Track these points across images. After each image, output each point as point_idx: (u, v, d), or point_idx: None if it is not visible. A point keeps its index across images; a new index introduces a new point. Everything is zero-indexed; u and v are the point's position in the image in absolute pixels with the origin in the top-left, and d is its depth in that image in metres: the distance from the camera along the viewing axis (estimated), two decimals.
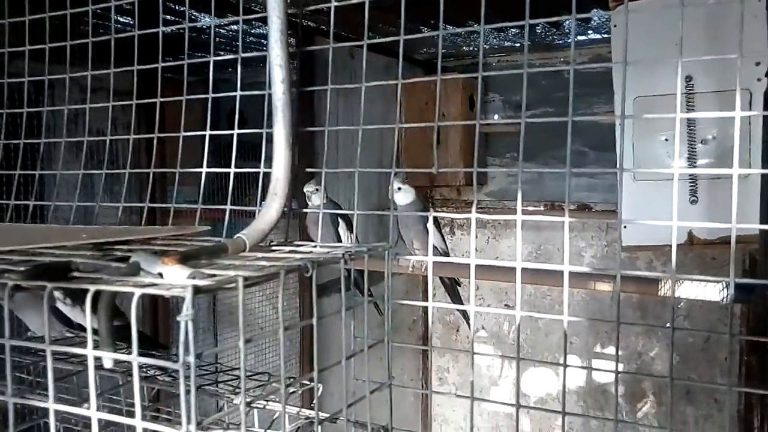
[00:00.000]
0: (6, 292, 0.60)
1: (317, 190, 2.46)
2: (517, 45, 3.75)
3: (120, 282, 0.61)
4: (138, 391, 0.55)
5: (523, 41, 3.64)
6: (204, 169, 1.03)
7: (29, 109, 1.23)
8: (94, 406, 0.60)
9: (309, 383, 0.85)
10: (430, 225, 1.07)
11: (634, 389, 3.84)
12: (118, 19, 2.57)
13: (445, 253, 2.90)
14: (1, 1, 1.27)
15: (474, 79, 3.80)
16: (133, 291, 0.55)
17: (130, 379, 1.09)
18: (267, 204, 0.83)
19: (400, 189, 2.48)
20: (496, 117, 3.94)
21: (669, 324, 2.61)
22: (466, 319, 3.52)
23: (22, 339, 1.26)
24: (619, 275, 0.75)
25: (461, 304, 2.93)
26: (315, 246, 0.85)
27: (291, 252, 0.80)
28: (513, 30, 3.37)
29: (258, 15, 0.92)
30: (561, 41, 3.60)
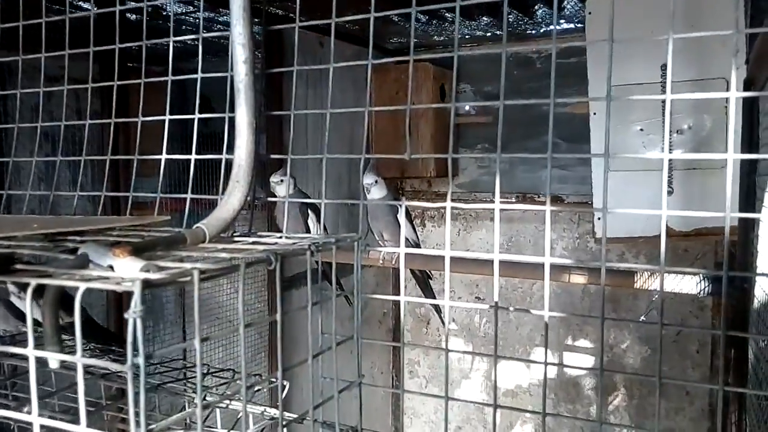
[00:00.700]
0: None
1: (282, 181, 2.40)
2: (489, 35, 3.72)
3: (66, 275, 0.56)
4: (82, 396, 0.50)
5: (495, 31, 3.61)
6: (163, 156, 0.97)
7: None
8: (35, 410, 0.55)
9: (275, 381, 0.80)
10: (402, 216, 1.02)
11: (605, 382, 3.85)
12: (81, 6, 2.48)
13: (416, 245, 2.86)
14: None
15: (445, 69, 3.77)
16: (78, 285, 0.50)
17: (87, 378, 1.04)
18: (229, 192, 0.77)
19: (376, 182, 2.44)
20: (467, 107, 3.91)
21: (643, 317, 2.59)
22: (438, 314, 3.49)
23: None
24: (604, 268, 0.72)
25: (433, 296, 2.90)
26: (280, 237, 0.81)
27: (254, 243, 0.75)
28: (485, 19, 3.33)
29: None
30: (533, 31, 3.58)
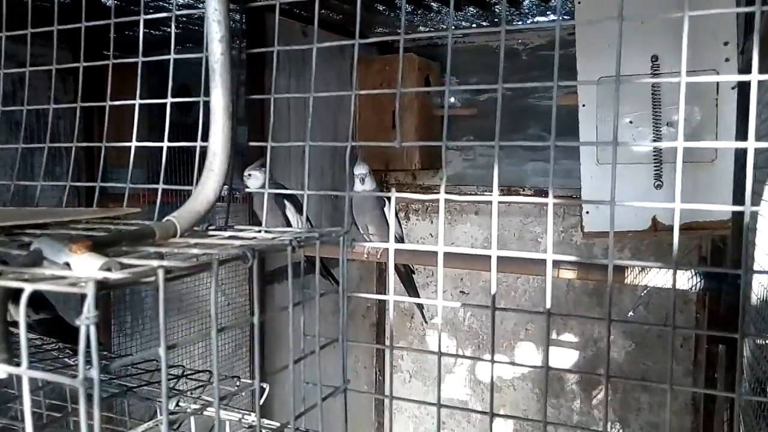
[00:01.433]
0: None
1: (250, 175, 2.32)
2: (474, 26, 3.67)
3: (13, 274, 0.50)
4: (28, 411, 0.43)
5: (481, 21, 3.55)
6: (133, 144, 0.90)
7: None
8: None
9: (256, 385, 0.73)
10: (391, 210, 0.96)
11: (589, 376, 3.83)
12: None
13: (401, 239, 2.81)
14: None
15: (430, 61, 3.71)
16: (23, 287, 0.44)
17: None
18: (202, 182, 0.71)
19: (370, 173, 2.37)
20: (452, 100, 3.85)
21: (631, 313, 2.55)
22: (420, 310, 3.45)
23: None
24: (610, 265, 0.66)
25: (416, 291, 2.85)
26: (260, 231, 0.74)
27: (230, 238, 0.69)
28: (471, 9, 3.28)
29: None
30: (520, 22, 3.53)
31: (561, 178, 3.67)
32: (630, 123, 2.09)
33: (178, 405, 0.91)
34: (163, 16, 0.85)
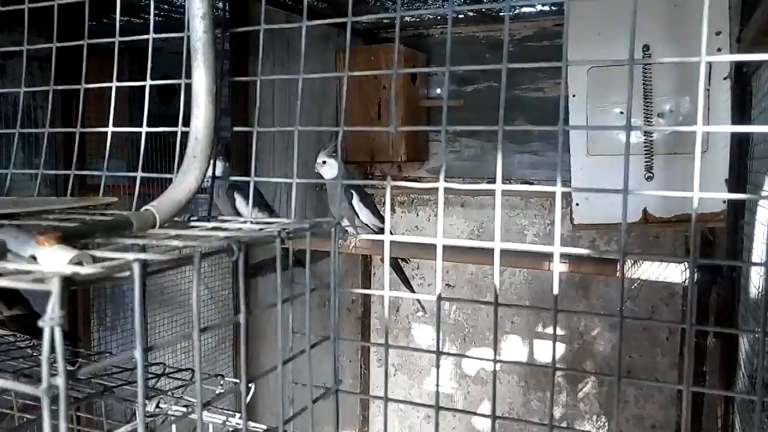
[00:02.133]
0: None
1: (324, 163, 2.33)
2: (461, 17, 3.62)
3: None
4: None
5: (468, 12, 3.50)
6: (110, 129, 0.85)
7: None
8: None
9: (242, 387, 0.69)
10: (388, 201, 0.91)
11: (576, 369, 3.81)
12: None
13: (381, 231, 2.77)
14: None
15: (417, 51, 3.66)
16: None
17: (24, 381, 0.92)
18: (184, 169, 0.66)
19: (325, 162, 2.33)
20: (438, 91, 3.81)
21: (626, 313, 2.51)
22: (418, 301, 3.45)
23: None
24: (622, 259, 0.62)
25: (408, 283, 2.80)
26: (245, 222, 0.70)
27: (214, 229, 0.64)
28: None
29: None
30: (508, 12, 3.48)
31: (548, 170, 3.64)
32: (621, 114, 2.06)
33: (158, 407, 0.86)
34: None
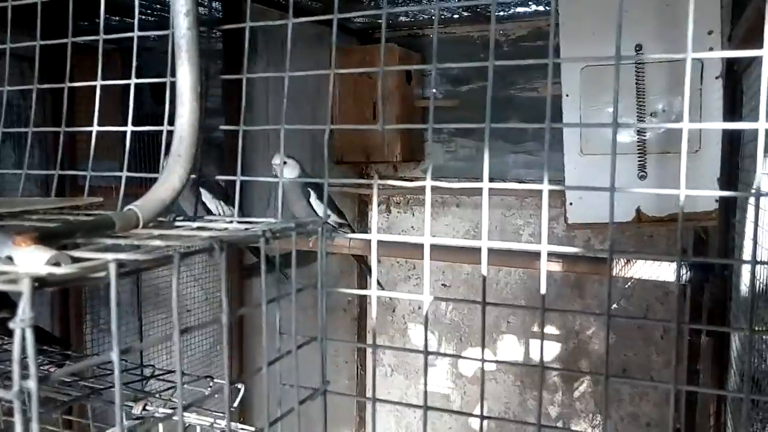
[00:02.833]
0: None
1: (285, 163, 2.30)
2: (456, 17, 3.62)
3: None
4: None
5: (462, 11, 3.50)
6: (94, 128, 0.84)
7: None
8: None
9: (226, 390, 0.68)
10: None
11: (570, 368, 3.81)
12: None
13: (341, 226, 2.77)
14: None
15: (411, 51, 3.66)
16: None
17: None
18: (168, 168, 0.65)
19: (285, 163, 2.33)
20: (433, 91, 3.80)
21: (615, 306, 2.52)
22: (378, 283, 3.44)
23: None
24: (610, 257, 0.62)
25: (378, 282, 2.81)
26: (231, 221, 0.69)
27: (198, 229, 0.63)
28: None
29: None
30: (501, 12, 3.48)
31: (541, 170, 3.64)
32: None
33: (145, 409, 0.86)
34: None
